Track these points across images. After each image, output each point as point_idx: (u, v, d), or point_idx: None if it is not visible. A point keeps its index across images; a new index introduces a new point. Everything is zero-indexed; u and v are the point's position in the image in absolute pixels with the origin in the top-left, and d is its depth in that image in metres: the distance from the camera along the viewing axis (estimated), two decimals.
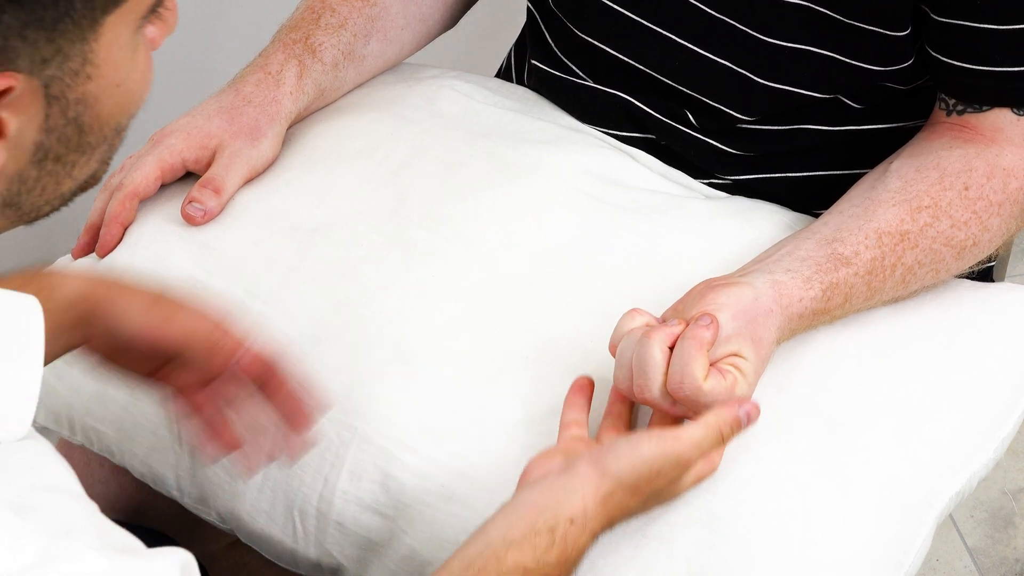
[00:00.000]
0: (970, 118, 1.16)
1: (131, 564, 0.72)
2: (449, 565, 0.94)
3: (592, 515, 0.96)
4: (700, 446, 0.99)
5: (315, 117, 1.30)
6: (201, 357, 1.02)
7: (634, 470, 0.97)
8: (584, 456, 0.98)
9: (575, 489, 0.96)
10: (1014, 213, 1.15)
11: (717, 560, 1.04)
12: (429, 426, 1.12)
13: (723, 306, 1.03)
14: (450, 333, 1.15)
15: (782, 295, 1.06)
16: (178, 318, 1.01)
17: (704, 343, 1.01)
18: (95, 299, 0.99)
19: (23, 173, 0.74)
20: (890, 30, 1.15)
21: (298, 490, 1.13)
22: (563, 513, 0.95)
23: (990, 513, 1.91)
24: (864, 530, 1.06)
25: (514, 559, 0.93)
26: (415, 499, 1.10)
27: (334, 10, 1.29)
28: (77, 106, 0.74)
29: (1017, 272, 2.14)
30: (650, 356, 1.01)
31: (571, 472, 0.97)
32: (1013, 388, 1.14)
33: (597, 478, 0.96)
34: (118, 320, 0.99)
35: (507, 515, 0.96)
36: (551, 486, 0.96)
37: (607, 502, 0.96)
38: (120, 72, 0.75)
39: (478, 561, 0.93)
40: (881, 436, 1.10)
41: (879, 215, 1.12)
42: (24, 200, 0.76)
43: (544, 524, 0.94)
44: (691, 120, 1.27)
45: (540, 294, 1.17)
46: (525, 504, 0.96)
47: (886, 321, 1.15)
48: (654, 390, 1.02)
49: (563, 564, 0.95)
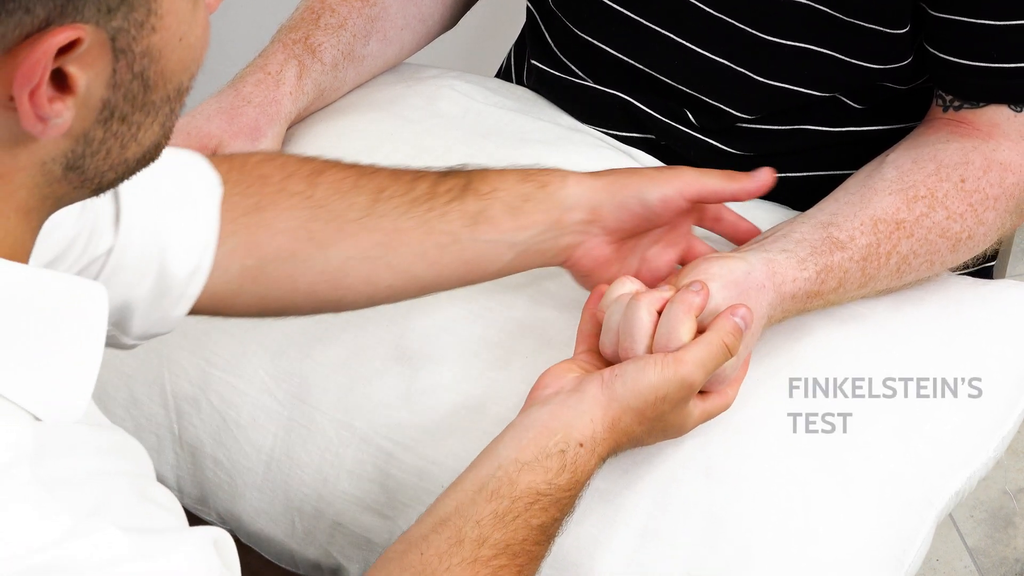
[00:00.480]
0: (967, 113, 1.17)
1: (156, 546, 0.73)
2: (460, 484, 0.95)
3: (601, 439, 0.97)
4: (704, 364, 1.00)
5: (315, 117, 1.30)
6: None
7: (639, 395, 0.98)
8: (594, 378, 0.99)
9: (584, 412, 0.97)
10: (1009, 208, 1.15)
11: (717, 559, 1.04)
12: (429, 426, 1.12)
13: (715, 276, 1.04)
14: (450, 333, 1.15)
15: (775, 272, 1.06)
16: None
17: (692, 307, 1.01)
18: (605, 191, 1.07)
19: (89, 133, 0.73)
20: (890, 28, 1.15)
21: (298, 490, 1.13)
22: (573, 436, 0.96)
23: (990, 513, 1.91)
24: (864, 528, 1.06)
25: (527, 481, 0.94)
26: (414, 499, 1.10)
27: (334, 10, 1.29)
28: (143, 59, 0.73)
29: (1018, 272, 2.14)
30: (638, 318, 1.01)
31: (581, 394, 0.98)
32: (1014, 386, 1.14)
33: (605, 401, 0.98)
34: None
35: (517, 436, 0.97)
36: (562, 405, 0.98)
37: (615, 426, 0.98)
38: (183, 25, 0.74)
39: (491, 483, 0.94)
40: (882, 434, 1.10)
41: (875, 203, 1.12)
42: (88, 163, 0.75)
43: (555, 446, 0.96)
44: (691, 120, 1.27)
45: (540, 293, 1.17)
46: (536, 425, 0.97)
47: (886, 318, 1.15)
48: (640, 352, 1.01)
49: (573, 487, 0.96)
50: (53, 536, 0.69)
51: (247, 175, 1.04)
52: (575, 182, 1.08)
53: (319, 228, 1.03)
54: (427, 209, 1.05)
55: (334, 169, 1.06)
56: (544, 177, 1.08)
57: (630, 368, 0.99)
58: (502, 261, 1.08)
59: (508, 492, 0.94)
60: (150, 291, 0.98)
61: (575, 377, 1.01)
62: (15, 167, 0.73)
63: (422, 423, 1.12)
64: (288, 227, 1.03)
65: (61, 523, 0.70)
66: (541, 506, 0.95)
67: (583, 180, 1.08)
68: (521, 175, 1.08)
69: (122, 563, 0.71)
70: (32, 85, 0.69)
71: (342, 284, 1.05)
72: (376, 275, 1.05)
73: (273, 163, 1.05)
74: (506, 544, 0.93)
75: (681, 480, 1.07)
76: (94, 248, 0.95)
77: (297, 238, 1.03)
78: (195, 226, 0.99)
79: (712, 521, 1.05)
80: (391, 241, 1.05)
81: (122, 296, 0.98)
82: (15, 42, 0.68)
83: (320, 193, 1.04)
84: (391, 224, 1.04)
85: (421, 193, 1.06)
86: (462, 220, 1.06)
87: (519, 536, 0.94)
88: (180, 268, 0.99)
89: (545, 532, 0.95)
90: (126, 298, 0.98)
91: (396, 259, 1.05)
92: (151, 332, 1.01)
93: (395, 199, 1.05)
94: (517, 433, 0.97)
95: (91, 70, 0.71)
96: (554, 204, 1.07)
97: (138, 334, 1.01)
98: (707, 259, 1.06)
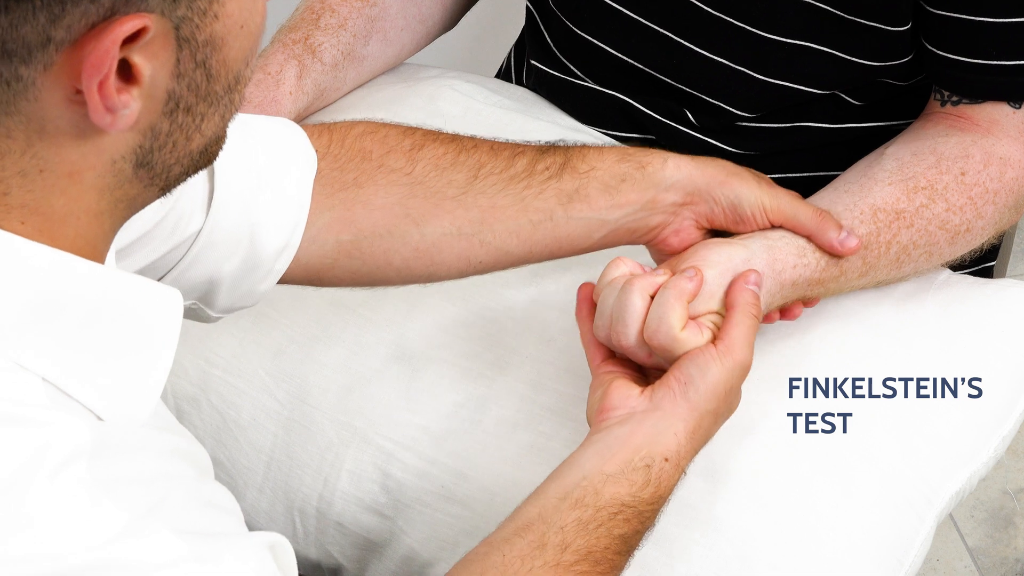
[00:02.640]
0: (965, 108, 1.17)
1: (208, 549, 0.73)
2: (543, 492, 0.95)
3: (685, 451, 0.98)
4: (749, 341, 1.00)
5: (315, 117, 1.30)
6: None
7: (714, 395, 0.98)
8: (666, 392, 0.98)
9: (667, 427, 0.97)
10: (1008, 203, 1.15)
11: (717, 558, 1.04)
12: (429, 426, 1.12)
13: (713, 263, 1.04)
14: (450, 333, 1.15)
15: (776, 260, 1.06)
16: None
17: (684, 293, 1.01)
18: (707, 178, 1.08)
19: (156, 126, 0.73)
20: (890, 25, 1.15)
21: (298, 490, 1.13)
22: (658, 452, 0.96)
23: (990, 513, 1.91)
24: (865, 528, 1.06)
25: (611, 492, 0.94)
26: (414, 499, 1.10)
27: (334, 10, 1.29)
28: (206, 48, 0.72)
29: (1018, 272, 2.14)
30: (630, 303, 1.01)
31: (661, 411, 0.98)
32: (1014, 386, 1.14)
33: (686, 413, 0.98)
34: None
35: (600, 451, 0.96)
36: (642, 423, 0.97)
37: (695, 434, 0.98)
38: (244, 12, 0.74)
39: (575, 492, 0.94)
40: (882, 434, 1.10)
41: (875, 192, 1.12)
42: (156, 158, 0.74)
43: (640, 461, 0.96)
44: (691, 119, 1.27)
45: (540, 293, 1.17)
46: (619, 441, 0.97)
47: (887, 317, 1.15)
48: (631, 337, 1.01)
49: (656, 501, 0.96)
50: (107, 535, 0.70)
51: (347, 149, 1.04)
52: (674, 164, 1.08)
53: (416, 205, 1.04)
54: (524, 187, 1.05)
55: (434, 144, 1.06)
56: (644, 157, 1.08)
57: (694, 372, 0.98)
58: (593, 238, 1.08)
59: (592, 501, 0.94)
60: (238, 267, 0.99)
61: (641, 393, 0.99)
62: (85, 165, 0.73)
63: (422, 423, 1.12)
64: (386, 203, 1.03)
65: (116, 522, 0.70)
66: (624, 517, 0.95)
67: (682, 163, 1.08)
68: (620, 154, 1.08)
69: (172, 566, 0.71)
70: (101, 76, 0.69)
71: (435, 260, 1.05)
72: (470, 251, 1.05)
73: (374, 136, 1.05)
74: (588, 551, 0.93)
75: (681, 480, 1.07)
76: (183, 230, 0.95)
77: (394, 214, 1.03)
78: (288, 203, 0.99)
79: (712, 521, 1.05)
80: (487, 218, 1.05)
81: (210, 272, 0.98)
82: (81, 32, 0.68)
83: (419, 169, 1.04)
84: (488, 201, 1.05)
85: (520, 170, 1.06)
86: (557, 198, 1.06)
87: (601, 544, 0.93)
88: (270, 245, 0.99)
89: (627, 543, 0.95)
90: (213, 274, 0.98)
91: (490, 236, 1.05)
92: (236, 306, 1.02)
93: (493, 176, 1.05)
94: (600, 449, 0.97)
95: (155, 60, 0.71)
96: (650, 184, 1.07)
97: (223, 308, 1.01)
98: (706, 244, 1.06)
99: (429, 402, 1.13)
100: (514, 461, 1.09)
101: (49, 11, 0.67)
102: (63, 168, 0.72)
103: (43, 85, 0.69)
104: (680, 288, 1.01)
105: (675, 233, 1.09)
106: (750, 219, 1.08)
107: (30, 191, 0.72)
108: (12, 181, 0.71)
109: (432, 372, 1.14)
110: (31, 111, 0.70)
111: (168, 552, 0.71)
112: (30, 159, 0.71)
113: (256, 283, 1.00)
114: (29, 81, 0.69)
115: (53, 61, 0.69)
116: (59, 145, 0.71)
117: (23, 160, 0.71)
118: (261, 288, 1.01)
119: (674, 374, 0.99)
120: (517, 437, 1.10)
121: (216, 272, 0.98)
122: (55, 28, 0.68)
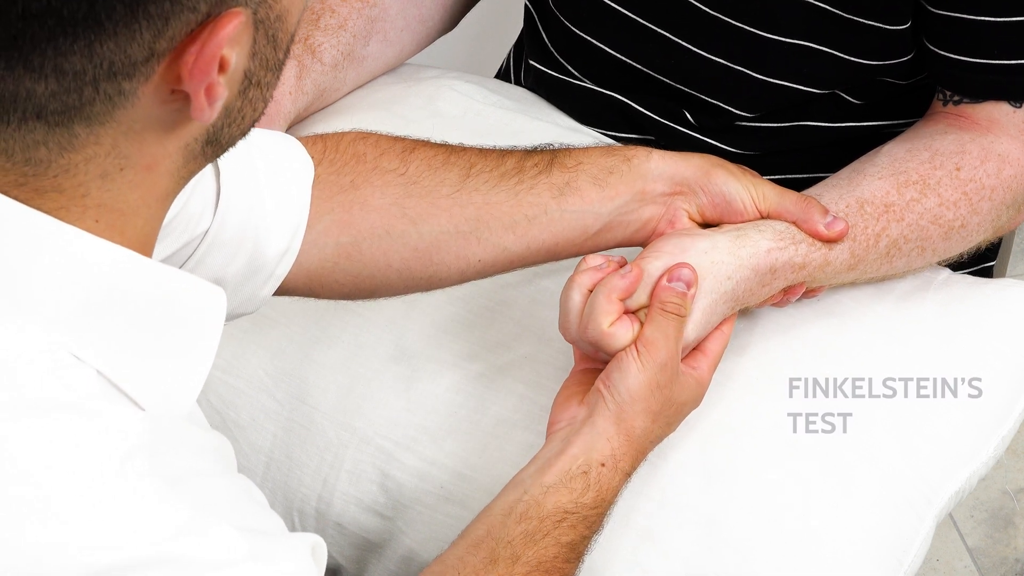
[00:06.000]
0: (966, 108, 1.17)
1: (267, 549, 0.74)
2: (489, 511, 0.98)
3: (621, 455, 1.00)
4: (665, 336, 1.01)
5: (315, 118, 1.30)
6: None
7: (638, 395, 1.00)
8: (596, 398, 1.01)
9: (600, 434, 0.99)
10: (1006, 201, 1.15)
11: (717, 559, 1.04)
12: (428, 426, 1.12)
13: (663, 253, 1.05)
14: (450, 333, 1.15)
15: (742, 247, 1.06)
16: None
17: (615, 289, 1.02)
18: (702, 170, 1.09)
19: (230, 105, 0.74)
20: (890, 24, 1.15)
21: (297, 490, 1.13)
22: (594, 458, 0.99)
23: (990, 513, 1.91)
24: (864, 528, 1.06)
25: (553, 502, 0.97)
26: (414, 500, 1.10)
27: (334, 11, 1.29)
28: (275, 24, 0.74)
29: (1018, 272, 2.14)
30: (568, 298, 1.04)
31: (593, 417, 1.00)
32: (1014, 386, 1.14)
33: (615, 417, 1.00)
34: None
35: (539, 465, 0.99)
36: (578, 433, 1.00)
37: (631, 436, 1.00)
38: None
39: (519, 507, 0.97)
40: (881, 434, 1.10)
41: (864, 186, 1.12)
42: (224, 134, 0.75)
43: (578, 469, 0.98)
44: (690, 119, 1.27)
45: (540, 293, 1.17)
46: (555, 453, 1.00)
47: (886, 317, 1.15)
48: (572, 332, 1.04)
49: (599, 505, 0.99)
50: (170, 530, 0.70)
51: (342, 154, 1.05)
52: (659, 156, 1.10)
53: (412, 204, 1.05)
54: (516, 182, 1.07)
55: (424, 147, 1.08)
56: (628, 151, 1.10)
57: (615, 375, 1.00)
58: (588, 233, 1.09)
59: (536, 513, 0.97)
60: (241, 271, 0.99)
61: (579, 403, 1.02)
62: (163, 155, 0.73)
63: (422, 423, 1.12)
64: (382, 204, 1.04)
65: (178, 517, 0.71)
66: (570, 523, 0.97)
67: (667, 156, 1.10)
68: (605, 150, 1.10)
69: (235, 564, 0.72)
70: (209, 79, 0.70)
71: (434, 260, 1.06)
72: (468, 249, 1.07)
73: (366, 141, 1.07)
74: (538, 561, 0.95)
75: (681, 480, 1.07)
76: (193, 229, 0.96)
77: (392, 215, 1.05)
78: (288, 207, 1.01)
79: (712, 521, 1.05)
80: (482, 215, 1.06)
81: (215, 274, 0.99)
82: (181, 39, 0.69)
83: (413, 169, 1.06)
84: (482, 198, 1.06)
85: (509, 168, 1.08)
86: (550, 192, 1.07)
87: (550, 553, 0.96)
88: (272, 248, 1.00)
89: (574, 550, 0.98)
90: (217, 276, 0.99)
91: (487, 232, 1.06)
92: (238, 311, 1.02)
93: (484, 174, 1.07)
94: (539, 463, 1.00)
95: (238, 47, 0.72)
96: (638, 175, 1.09)
97: (227, 313, 1.02)
98: (668, 235, 1.08)
99: (428, 402, 1.13)
100: (513, 461, 1.09)
101: (153, 28, 0.68)
102: (143, 162, 0.73)
103: (143, 94, 0.70)
104: (611, 285, 1.02)
105: (669, 225, 1.10)
106: (740, 210, 1.09)
107: (108, 190, 0.73)
108: (92, 184, 0.72)
109: (431, 372, 1.14)
110: (123, 117, 0.71)
111: (231, 549, 0.72)
112: (113, 159, 0.72)
113: (258, 288, 1.01)
114: (130, 93, 0.70)
115: (154, 71, 0.70)
116: (143, 141, 0.72)
117: (107, 162, 0.72)
118: (262, 293, 1.02)
119: (601, 378, 1.01)
120: (516, 437, 1.11)
121: (221, 274, 0.99)
122: (158, 41, 0.69)
